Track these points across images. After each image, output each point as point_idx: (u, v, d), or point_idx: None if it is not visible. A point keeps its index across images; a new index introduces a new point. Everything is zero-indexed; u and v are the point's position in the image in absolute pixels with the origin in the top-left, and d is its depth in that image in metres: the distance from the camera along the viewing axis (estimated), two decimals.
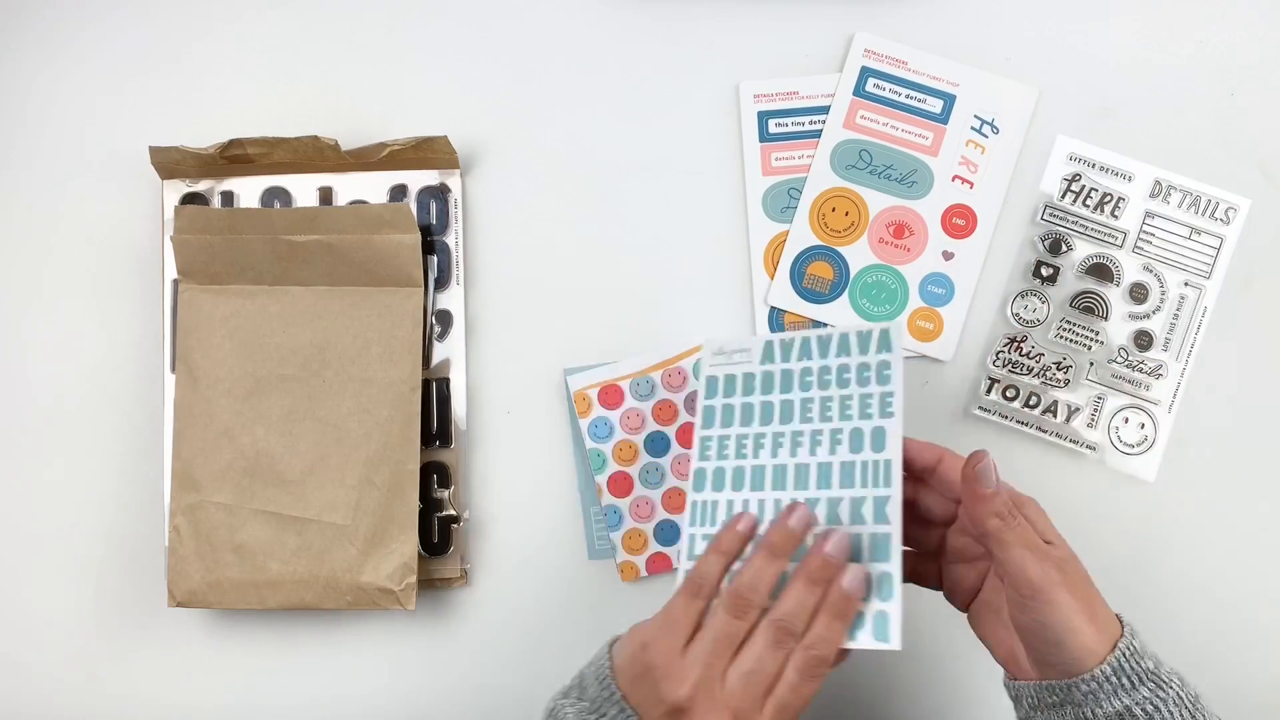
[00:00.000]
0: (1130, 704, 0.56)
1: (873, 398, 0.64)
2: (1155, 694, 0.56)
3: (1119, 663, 0.56)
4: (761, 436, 0.66)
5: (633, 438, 0.75)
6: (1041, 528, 0.60)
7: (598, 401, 0.75)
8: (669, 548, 0.75)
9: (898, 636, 0.57)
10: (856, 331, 0.66)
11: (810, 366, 0.67)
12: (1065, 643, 0.56)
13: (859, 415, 0.64)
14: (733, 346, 0.69)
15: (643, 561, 0.75)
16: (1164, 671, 0.57)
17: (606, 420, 0.75)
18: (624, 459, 0.75)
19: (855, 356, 0.66)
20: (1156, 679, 0.56)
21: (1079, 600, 0.56)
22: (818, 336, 0.67)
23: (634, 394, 0.75)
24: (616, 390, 0.75)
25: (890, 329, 0.65)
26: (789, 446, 0.65)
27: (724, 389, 0.69)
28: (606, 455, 0.75)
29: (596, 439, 0.75)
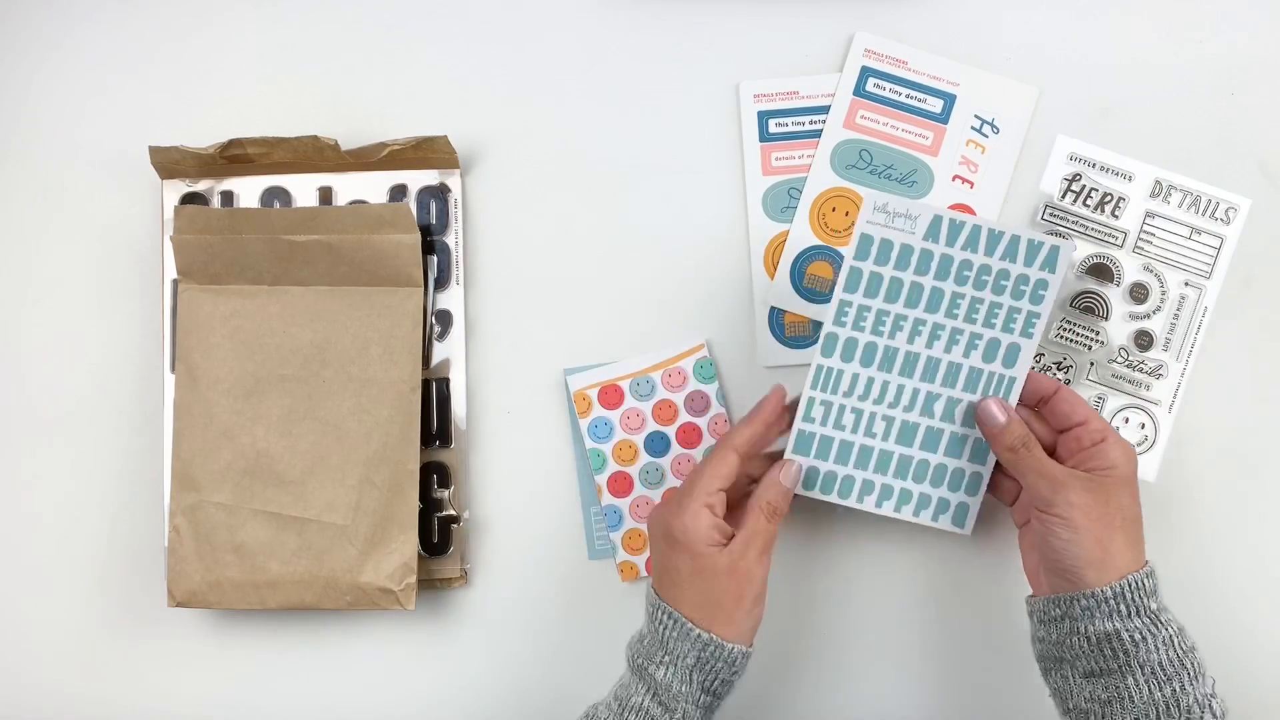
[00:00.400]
0: (1121, 628, 0.60)
1: (1019, 313, 0.68)
2: (1148, 627, 0.60)
3: (1122, 590, 0.61)
4: (902, 319, 0.69)
5: (633, 437, 0.75)
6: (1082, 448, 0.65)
7: (598, 401, 0.75)
8: None
9: (971, 526, 0.70)
10: (1028, 239, 0.67)
11: (971, 260, 0.68)
12: (1067, 560, 0.62)
13: (1002, 327, 0.68)
14: (898, 208, 0.68)
15: (643, 561, 0.75)
16: (1166, 618, 0.61)
17: (606, 420, 0.75)
18: (624, 459, 0.75)
19: (1019, 265, 0.68)
20: (1155, 618, 0.61)
21: (1092, 525, 0.62)
22: (990, 229, 0.68)
23: (634, 394, 0.75)
24: (616, 390, 0.75)
25: (1061, 247, 0.67)
26: (926, 337, 0.69)
27: (877, 254, 0.68)
28: (606, 455, 0.75)
29: (596, 439, 0.75)
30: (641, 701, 0.63)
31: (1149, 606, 0.61)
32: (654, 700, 0.63)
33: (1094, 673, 0.61)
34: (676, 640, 0.63)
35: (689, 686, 0.63)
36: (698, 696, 0.63)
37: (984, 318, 0.68)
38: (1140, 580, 0.61)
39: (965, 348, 0.68)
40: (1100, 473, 0.64)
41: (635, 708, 0.63)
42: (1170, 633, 0.60)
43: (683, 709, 0.63)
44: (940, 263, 0.68)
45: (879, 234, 0.68)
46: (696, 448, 0.75)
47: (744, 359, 0.77)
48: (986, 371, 0.68)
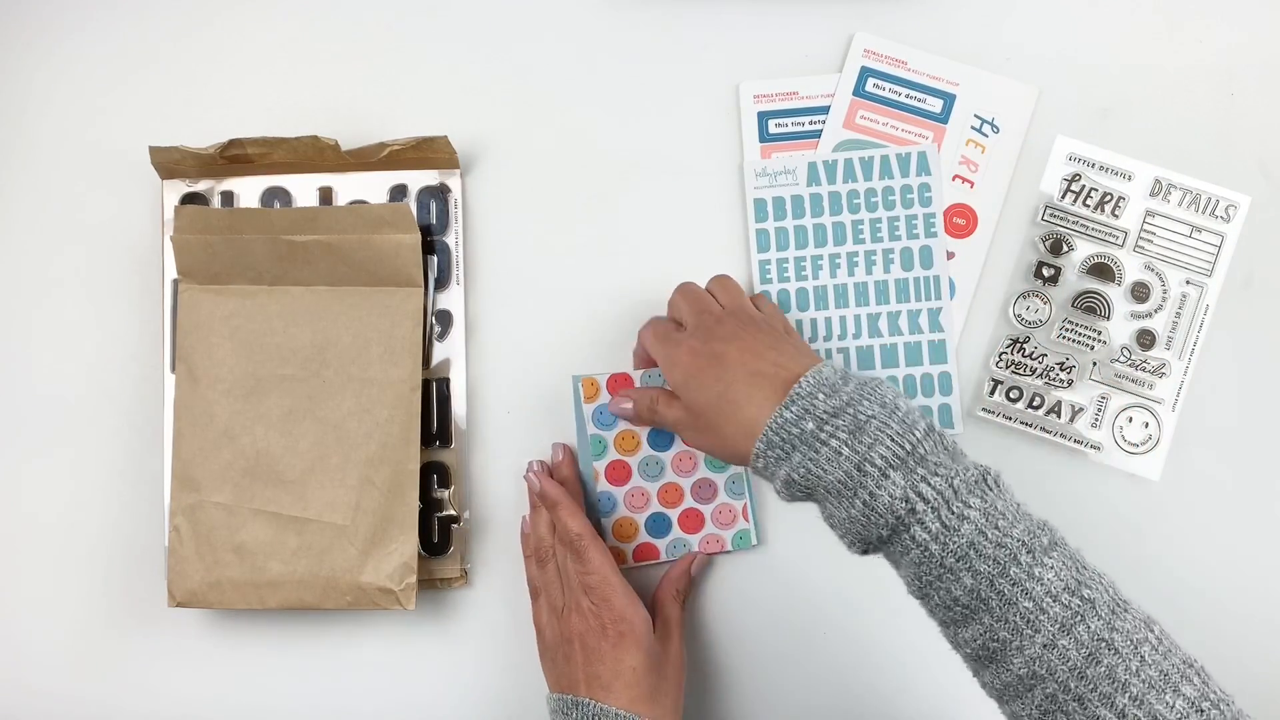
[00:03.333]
0: (789, 472, 0.60)
1: (916, 218, 0.75)
2: (806, 456, 0.60)
3: (768, 439, 0.61)
4: (819, 259, 0.75)
5: (637, 428, 0.75)
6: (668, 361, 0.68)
7: (605, 388, 0.74)
8: (659, 539, 0.75)
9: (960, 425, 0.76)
10: (895, 153, 0.74)
11: (856, 189, 0.73)
12: (727, 461, 0.68)
13: (906, 235, 0.74)
14: (774, 167, 0.74)
15: (630, 550, 0.75)
16: (827, 430, 0.59)
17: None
18: (626, 448, 0.74)
19: (898, 178, 0.75)
20: (812, 439, 0.59)
21: (704, 437, 0.65)
22: (859, 157, 0.74)
23: (643, 384, 0.74)
24: (626, 379, 0.74)
25: (927, 150, 0.74)
26: (846, 266, 0.75)
27: (774, 211, 0.74)
28: (608, 443, 0.74)
29: (600, 425, 0.74)
30: None
31: (803, 431, 0.59)
32: None
33: (802, 498, 0.62)
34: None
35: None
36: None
37: (888, 233, 0.75)
38: (776, 419, 0.60)
39: (884, 264, 0.75)
40: (679, 397, 0.66)
41: None
42: (834, 445, 0.58)
43: None
44: (830, 200, 0.74)
45: (768, 194, 0.75)
46: None
47: None
48: (911, 278, 0.75)
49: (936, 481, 0.57)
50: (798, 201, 0.77)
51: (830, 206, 0.77)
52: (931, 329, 0.76)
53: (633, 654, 0.66)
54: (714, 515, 0.75)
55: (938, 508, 0.57)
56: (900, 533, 0.58)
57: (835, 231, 0.77)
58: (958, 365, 0.77)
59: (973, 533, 0.56)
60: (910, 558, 0.58)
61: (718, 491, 0.75)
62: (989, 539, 0.56)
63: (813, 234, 0.77)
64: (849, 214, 0.77)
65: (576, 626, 0.68)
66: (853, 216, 0.77)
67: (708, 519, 0.75)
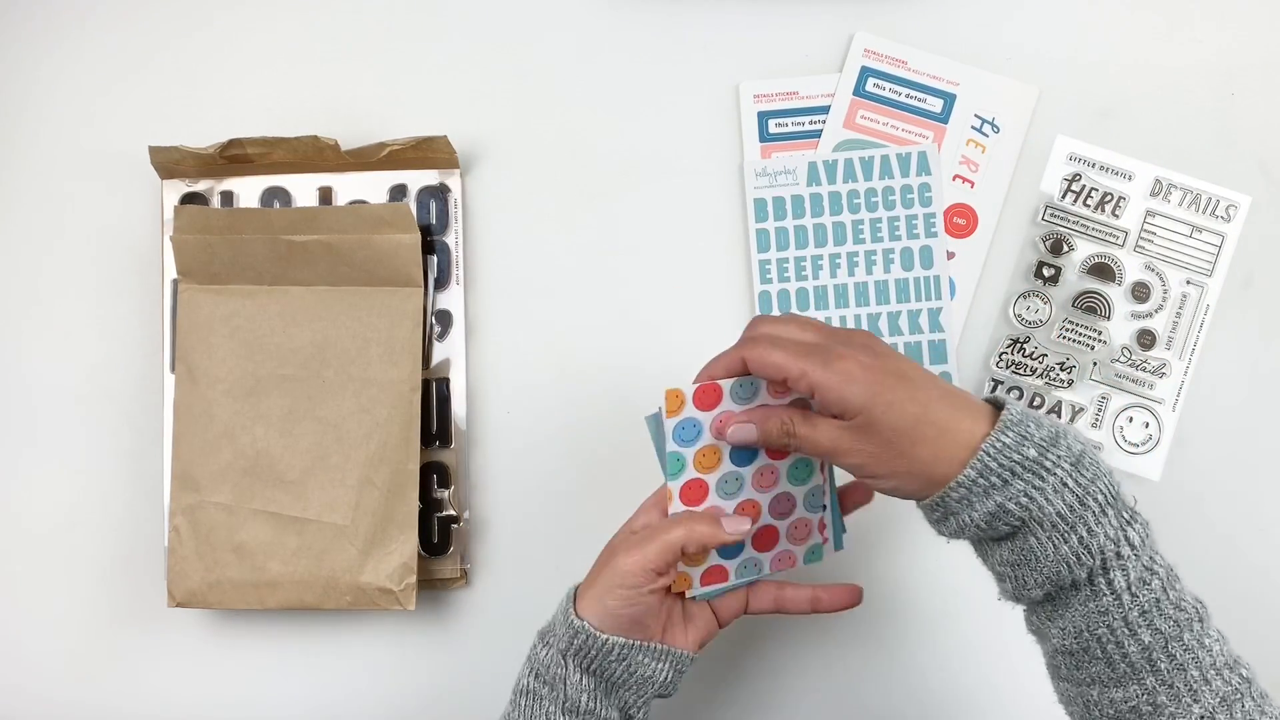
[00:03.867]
0: (1003, 500, 0.55)
1: (916, 218, 0.75)
2: (1031, 484, 0.54)
3: (983, 463, 0.54)
4: (819, 259, 0.74)
5: (719, 442, 0.64)
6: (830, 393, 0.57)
7: (692, 401, 0.63)
8: (729, 560, 0.66)
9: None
10: (896, 153, 0.73)
11: (856, 189, 0.73)
12: (905, 496, 0.58)
13: (906, 235, 0.74)
14: (775, 167, 0.73)
15: (698, 574, 0.66)
16: (1051, 459, 0.54)
17: (696, 423, 0.64)
18: (705, 466, 0.65)
19: (898, 178, 0.74)
20: (1037, 467, 0.54)
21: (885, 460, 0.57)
22: (859, 157, 0.73)
23: (733, 396, 0.64)
24: (715, 390, 0.63)
25: (927, 150, 0.73)
26: (846, 266, 0.75)
27: (774, 211, 0.73)
28: (687, 461, 0.64)
29: (681, 442, 0.64)
30: (528, 683, 0.62)
31: (1026, 458, 0.54)
32: (537, 679, 0.62)
33: (1000, 537, 0.56)
34: (562, 624, 0.62)
35: (564, 669, 0.61)
36: (578, 679, 0.61)
37: (888, 233, 0.74)
38: (996, 442, 0.54)
39: (883, 264, 0.75)
40: (849, 420, 0.57)
41: (523, 690, 0.63)
42: (1060, 475, 0.54)
43: (563, 689, 0.61)
44: (830, 200, 0.74)
45: (768, 194, 0.74)
46: (785, 459, 0.65)
47: None
48: (911, 278, 0.75)
49: (1139, 528, 0.55)
50: (798, 201, 0.77)
51: (830, 206, 0.77)
52: (931, 329, 0.76)
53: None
54: (789, 531, 0.67)
55: (1140, 555, 0.55)
56: (1097, 577, 0.54)
57: (835, 231, 0.77)
58: (958, 365, 0.77)
59: (1160, 589, 0.55)
60: (1096, 605, 0.55)
61: (795, 506, 0.67)
62: (1170, 599, 0.55)
63: (813, 234, 0.77)
64: (849, 214, 0.77)
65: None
66: (853, 216, 0.77)
67: (782, 535, 0.67)
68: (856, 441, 0.57)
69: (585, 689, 0.61)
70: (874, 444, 0.57)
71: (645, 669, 0.62)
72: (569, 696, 0.61)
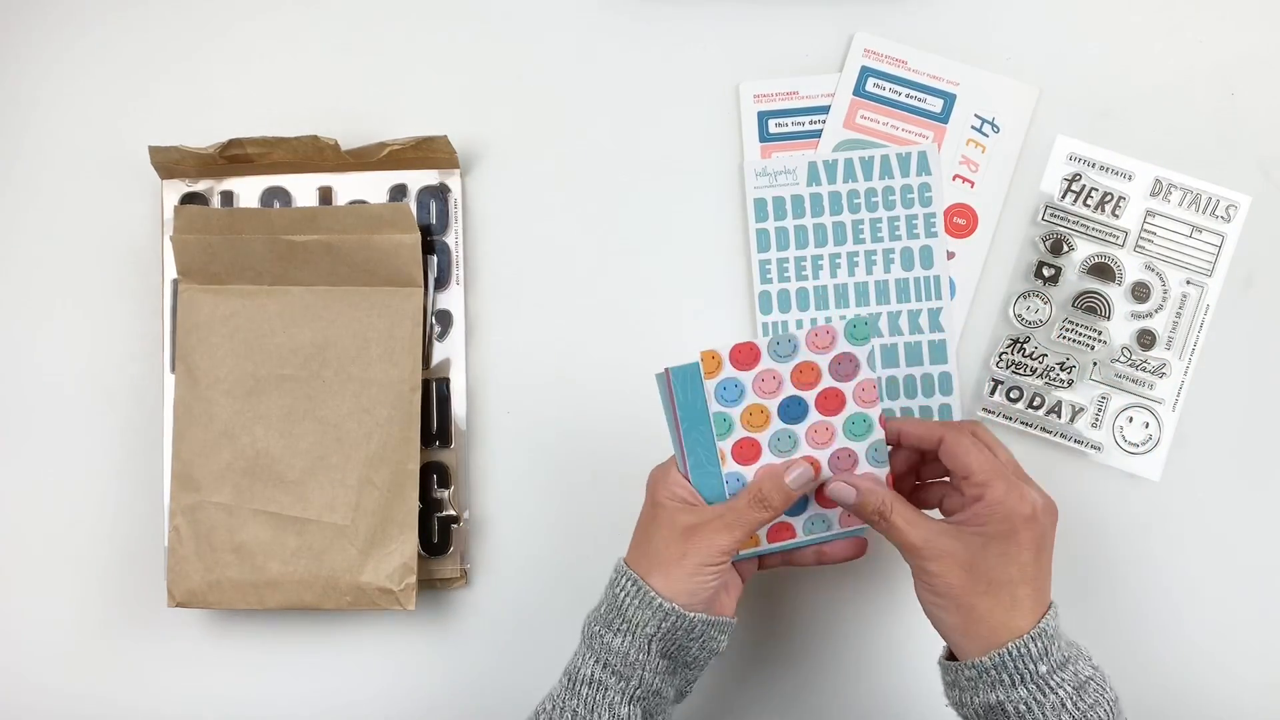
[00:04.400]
0: (1004, 699, 0.57)
1: (917, 218, 0.75)
2: (1033, 695, 0.57)
3: (1001, 659, 0.57)
4: (819, 258, 0.74)
5: (766, 402, 0.65)
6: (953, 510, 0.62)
7: (729, 361, 0.64)
8: (794, 517, 0.67)
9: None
10: (896, 153, 0.73)
11: (856, 189, 0.73)
12: (936, 625, 0.61)
13: (906, 235, 0.73)
14: (775, 166, 0.73)
15: (764, 531, 0.67)
16: (1057, 679, 0.57)
17: (738, 383, 0.65)
18: (753, 425, 0.65)
19: (898, 178, 0.74)
20: (1044, 683, 0.57)
21: (955, 591, 0.59)
22: (860, 157, 0.73)
23: (771, 354, 0.65)
24: (753, 350, 0.64)
25: (927, 150, 0.73)
26: (846, 266, 0.75)
27: (774, 211, 0.73)
28: (734, 420, 0.65)
29: (724, 402, 0.64)
30: (591, 672, 0.61)
31: (1036, 672, 0.57)
32: (605, 669, 0.61)
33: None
34: (639, 608, 0.61)
35: (646, 654, 0.61)
36: (656, 663, 0.61)
37: (888, 233, 0.74)
38: (1022, 647, 0.57)
39: (884, 264, 0.75)
40: (971, 531, 0.60)
41: (584, 679, 0.61)
42: (1062, 695, 0.57)
43: (639, 675, 0.61)
44: (830, 200, 0.74)
45: (768, 194, 0.74)
46: (838, 414, 0.65)
47: None
48: (911, 278, 0.75)
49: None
50: (798, 201, 0.77)
51: (830, 206, 0.77)
52: (931, 329, 0.76)
53: (648, 512, 0.65)
54: None
55: None
56: None
57: (835, 231, 0.77)
58: (958, 365, 0.77)
59: None
60: None
61: (859, 461, 0.65)
62: None
63: (813, 234, 0.77)
64: (849, 214, 0.77)
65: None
66: (853, 216, 0.77)
67: None
68: (947, 548, 0.59)
69: (660, 672, 0.62)
70: (963, 565, 0.59)
71: (715, 641, 0.63)
72: (643, 682, 0.61)
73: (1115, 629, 0.75)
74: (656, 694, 0.62)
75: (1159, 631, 0.75)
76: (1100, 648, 0.74)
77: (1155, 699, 0.74)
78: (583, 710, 0.60)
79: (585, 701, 0.61)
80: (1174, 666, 0.75)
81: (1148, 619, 0.75)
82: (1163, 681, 0.75)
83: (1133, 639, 0.75)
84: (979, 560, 0.59)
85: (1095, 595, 0.75)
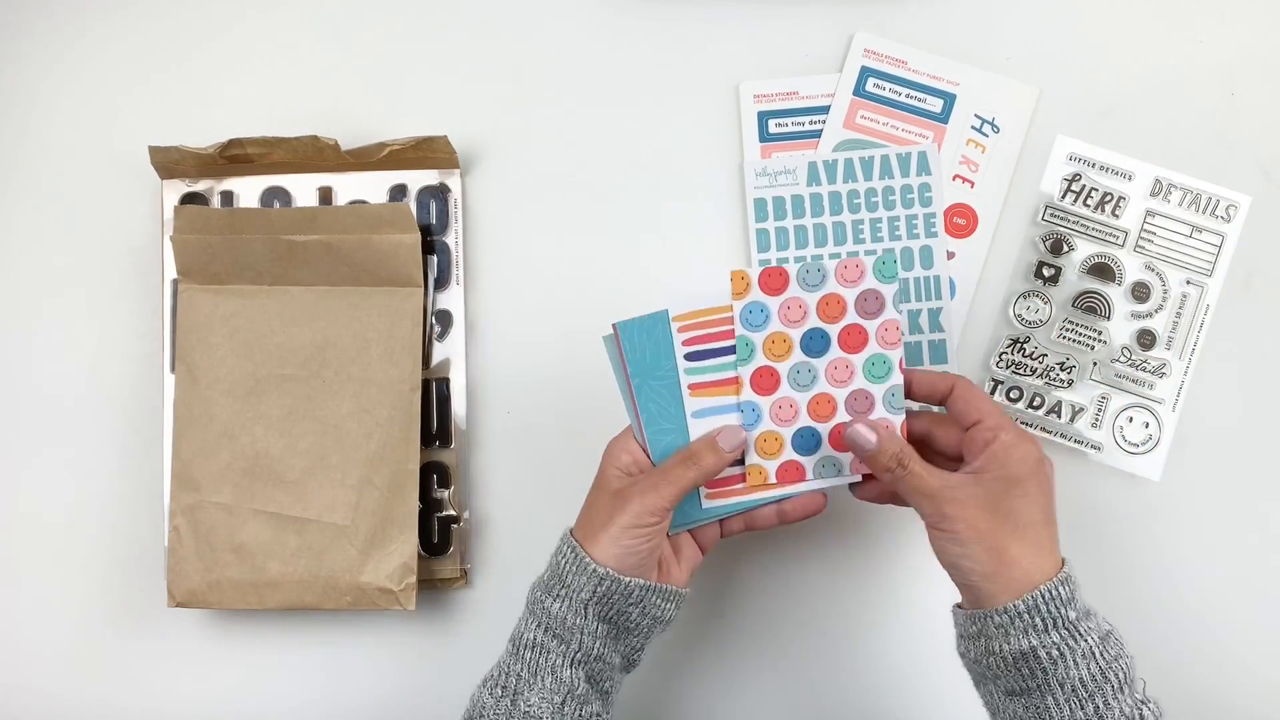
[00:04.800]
0: (1037, 644, 0.57)
1: (917, 218, 0.74)
2: (1065, 641, 0.57)
3: (1035, 603, 0.57)
4: (819, 259, 0.72)
5: (789, 330, 0.64)
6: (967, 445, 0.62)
7: (758, 284, 0.64)
8: (805, 457, 0.66)
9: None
10: (896, 153, 0.72)
11: (856, 189, 0.72)
12: (962, 575, 0.59)
13: (907, 235, 0.73)
14: (775, 166, 0.72)
15: (774, 467, 0.66)
16: (1084, 627, 0.57)
17: (764, 307, 0.64)
18: (775, 354, 0.65)
19: (898, 178, 0.73)
20: (1074, 629, 0.57)
21: (981, 535, 0.58)
22: (860, 157, 0.72)
23: (800, 281, 0.64)
24: (782, 275, 0.64)
25: (927, 150, 0.73)
26: None
27: (774, 211, 0.72)
28: (756, 346, 0.64)
29: (749, 326, 0.64)
30: (534, 636, 0.62)
31: (1067, 617, 0.57)
32: (546, 632, 0.62)
33: (1015, 691, 0.58)
34: (576, 573, 0.62)
35: (583, 619, 0.61)
36: (595, 627, 0.62)
37: (888, 233, 0.74)
38: (1054, 589, 0.57)
39: None
40: (990, 476, 0.60)
41: (527, 643, 0.62)
42: (1090, 643, 0.57)
43: (579, 639, 0.61)
44: (830, 200, 0.73)
45: (768, 194, 0.73)
46: (860, 353, 0.65)
47: None
48: (911, 278, 0.74)
49: (1153, 707, 0.57)
50: (798, 201, 0.77)
51: (830, 206, 0.77)
52: (931, 329, 0.76)
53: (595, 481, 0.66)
54: None
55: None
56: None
57: (835, 231, 0.77)
58: (958, 365, 0.77)
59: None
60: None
61: (874, 404, 0.65)
62: None
63: (813, 234, 0.77)
64: (849, 214, 0.77)
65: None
66: (853, 216, 0.77)
67: None
68: (969, 494, 0.59)
69: (600, 636, 0.62)
70: (987, 508, 0.59)
71: (657, 609, 0.63)
72: (582, 646, 0.62)
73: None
74: (599, 659, 0.62)
75: (1159, 631, 0.75)
76: None
77: (1155, 698, 0.74)
78: (525, 673, 0.61)
79: (528, 665, 0.61)
80: (1174, 666, 0.75)
81: (1147, 619, 0.75)
82: (1163, 681, 0.75)
83: (1132, 639, 0.75)
84: (1002, 502, 0.59)
85: (1095, 595, 0.75)
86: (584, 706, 0.61)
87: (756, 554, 0.76)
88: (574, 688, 0.61)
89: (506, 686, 0.61)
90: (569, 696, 0.61)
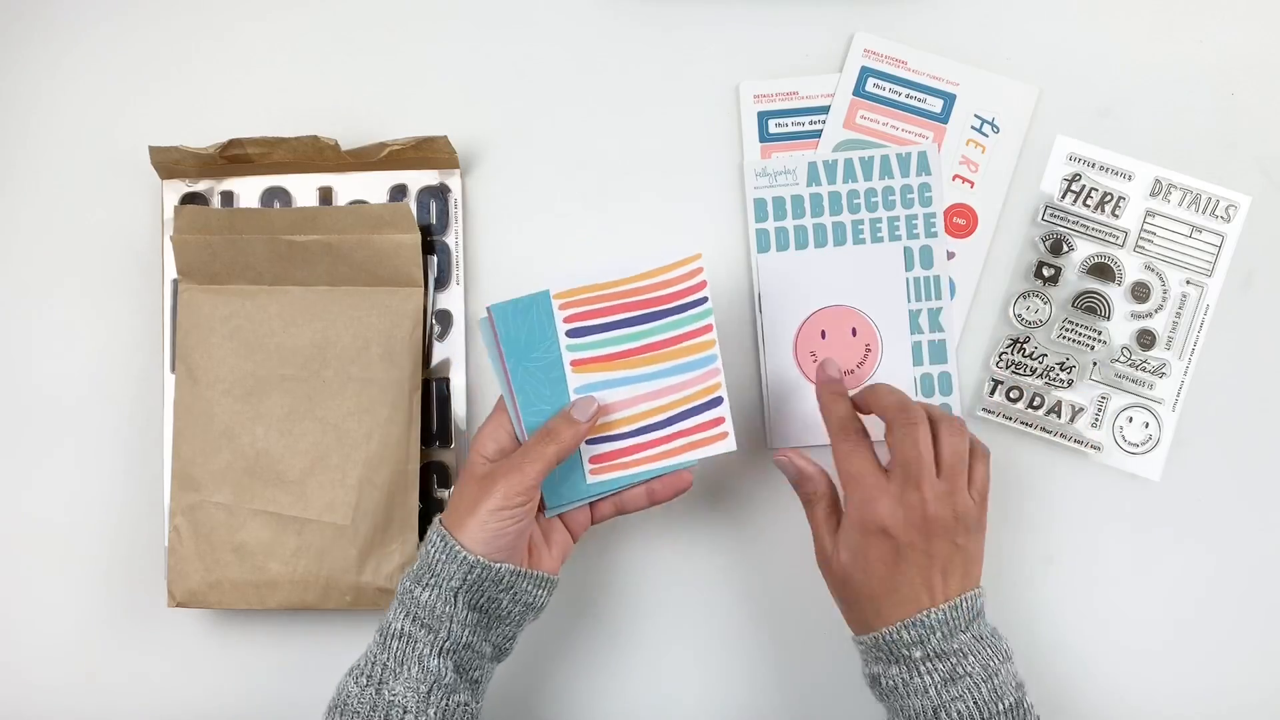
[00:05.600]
0: (880, 673, 0.63)
1: (917, 218, 0.75)
2: (900, 675, 0.62)
3: (875, 641, 0.62)
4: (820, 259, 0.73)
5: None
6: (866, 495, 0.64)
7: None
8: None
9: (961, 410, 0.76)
10: (896, 153, 0.73)
11: (856, 189, 0.73)
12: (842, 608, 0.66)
13: (907, 235, 0.74)
14: (776, 166, 0.73)
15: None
16: (926, 666, 0.61)
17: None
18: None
19: (898, 178, 0.74)
20: (911, 665, 0.61)
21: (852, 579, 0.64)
22: (859, 156, 0.73)
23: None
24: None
25: (927, 150, 0.74)
26: None
27: (774, 211, 0.73)
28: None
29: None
30: (402, 626, 0.62)
31: (904, 655, 0.61)
32: (414, 622, 0.62)
33: (882, 699, 0.64)
34: (445, 561, 0.62)
35: (453, 607, 0.62)
36: (464, 615, 0.62)
37: (888, 233, 0.74)
38: (890, 635, 0.62)
39: None
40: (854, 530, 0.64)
41: (394, 634, 0.62)
42: (925, 680, 0.61)
43: (448, 628, 0.62)
44: (830, 200, 0.74)
45: (768, 194, 0.74)
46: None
47: (745, 358, 0.77)
48: (911, 278, 0.75)
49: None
50: (798, 201, 0.77)
51: (830, 206, 0.77)
52: (931, 329, 0.76)
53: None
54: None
55: None
56: None
57: (835, 231, 0.77)
58: (958, 365, 0.77)
59: None
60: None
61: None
62: None
63: (813, 234, 0.77)
64: (849, 214, 0.77)
65: None
66: (853, 216, 0.77)
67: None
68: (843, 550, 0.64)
69: (469, 624, 0.62)
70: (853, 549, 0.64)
71: (528, 595, 0.64)
72: (451, 634, 0.62)
73: (1115, 629, 0.75)
74: (469, 648, 0.63)
75: (1158, 632, 0.75)
76: (1100, 647, 0.75)
77: (1155, 699, 0.74)
78: (392, 663, 0.61)
79: (395, 655, 0.62)
80: (1173, 666, 0.75)
81: (1147, 619, 0.75)
82: (1163, 681, 0.75)
83: (1133, 639, 0.75)
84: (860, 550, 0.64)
85: (1094, 595, 0.75)
86: (451, 695, 0.61)
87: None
88: (441, 677, 0.61)
89: (372, 675, 0.62)
90: (435, 685, 0.61)
